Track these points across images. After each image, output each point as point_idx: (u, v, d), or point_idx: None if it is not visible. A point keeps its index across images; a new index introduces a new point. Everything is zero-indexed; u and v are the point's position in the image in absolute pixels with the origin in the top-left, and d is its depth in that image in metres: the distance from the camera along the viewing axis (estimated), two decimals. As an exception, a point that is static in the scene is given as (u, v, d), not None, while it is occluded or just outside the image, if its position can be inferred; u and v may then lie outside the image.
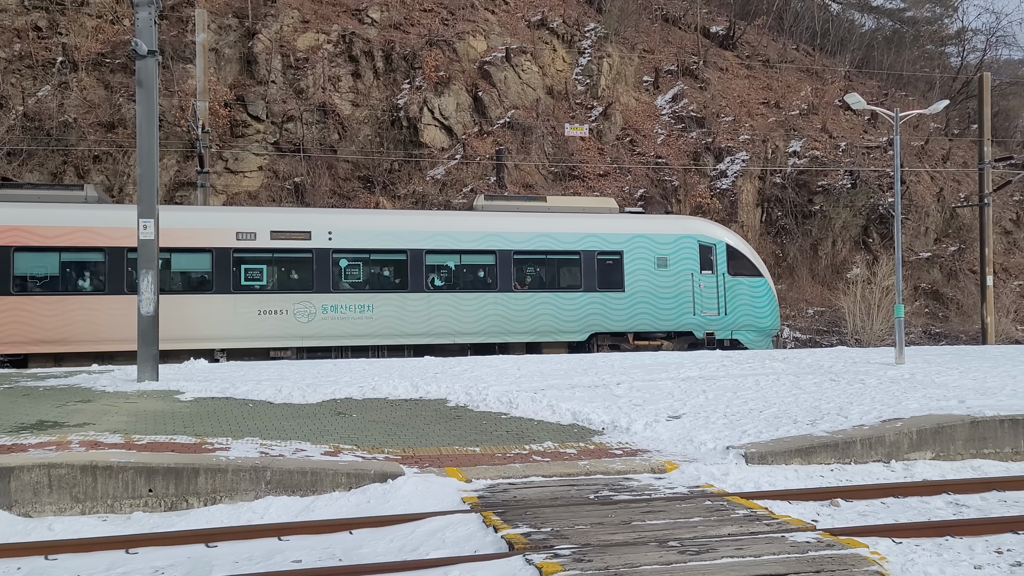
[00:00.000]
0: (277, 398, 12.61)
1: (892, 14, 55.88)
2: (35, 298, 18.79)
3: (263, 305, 20.16)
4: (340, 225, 20.98)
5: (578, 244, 22.39)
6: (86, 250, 19.16)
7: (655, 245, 22.93)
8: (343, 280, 20.88)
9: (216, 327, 19.77)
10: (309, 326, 20.39)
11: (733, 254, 23.56)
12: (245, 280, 20.16)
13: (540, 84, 35.92)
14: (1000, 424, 10.81)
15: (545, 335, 22.19)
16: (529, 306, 22.00)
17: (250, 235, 20.20)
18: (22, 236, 18.64)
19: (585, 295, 22.33)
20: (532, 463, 9.49)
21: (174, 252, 19.55)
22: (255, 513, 7.92)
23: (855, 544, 6.53)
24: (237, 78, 31.25)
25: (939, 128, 43.56)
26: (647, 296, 22.69)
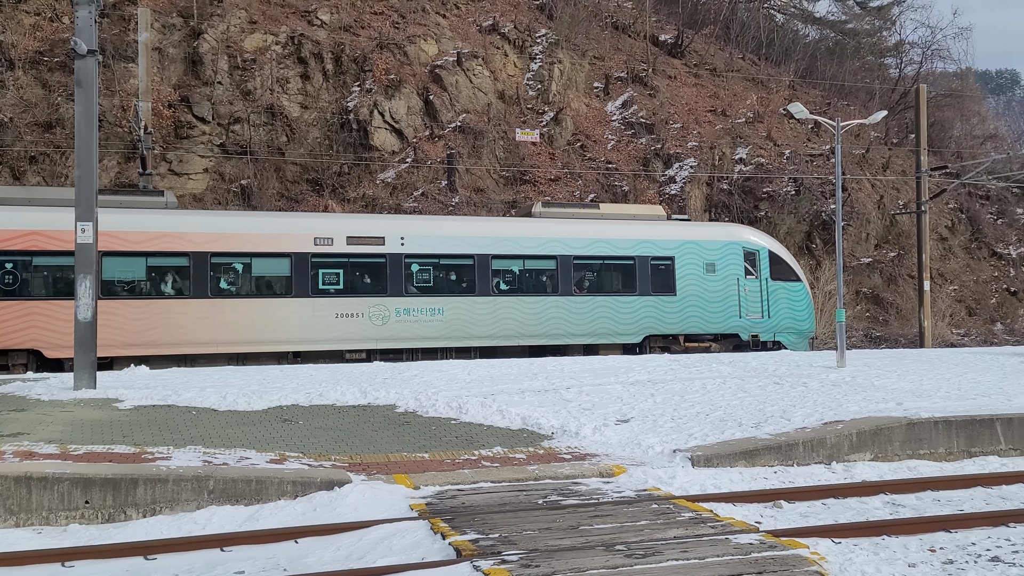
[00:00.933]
0: (222, 405, 12.37)
1: (834, 26, 57.37)
2: (122, 302, 19.05)
3: (340, 308, 20.62)
4: (412, 230, 21.56)
5: (633, 250, 23.27)
6: (170, 255, 19.53)
7: (704, 251, 23.91)
8: (415, 284, 21.47)
9: (295, 330, 20.22)
10: (383, 328, 20.92)
11: (775, 260, 24.68)
12: (323, 284, 20.65)
13: (491, 89, 35.98)
14: (935, 426, 11.14)
15: (602, 337, 22.98)
16: (588, 309, 22.76)
17: (327, 240, 20.68)
18: (110, 241, 18.74)
19: (640, 299, 23.21)
20: (481, 469, 9.48)
21: (254, 257, 20.12)
22: (197, 524, 7.76)
23: (796, 545, 6.66)
24: (182, 78, 30.63)
25: (879, 137, 44.84)
26: (697, 300, 23.60)
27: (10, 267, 18.41)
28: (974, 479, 9.65)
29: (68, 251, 18.06)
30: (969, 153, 46.55)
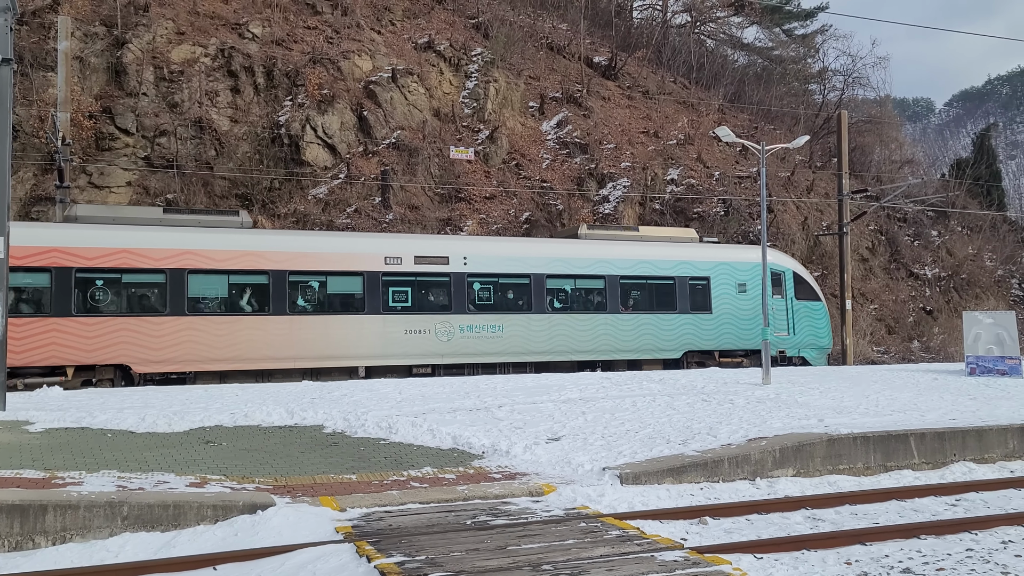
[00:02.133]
0: (140, 427, 11.96)
1: (761, 52, 59.30)
2: (205, 318, 19.60)
3: (409, 325, 21.45)
4: (473, 251, 22.58)
5: (673, 270, 24.65)
6: (251, 273, 20.16)
7: (736, 272, 25.51)
8: (476, 302, 22.40)
9: (367, 346, 20.97)
10: (448, 344, 21.80)
11: (799, 280, 26.42)
12: (393, 302, 21.44)
13: (427, 106, 35.94)
14: (854, 441, 11.48)
15: (646, 352, 24.21)
16: (634, 326, 24.00)
17: (397, 260, 21.53)
18: (194, 259, 19.56)
19: (680, 316, 24.59)
20: (410, 490, 9.36)
21: (329, 275, 20.88)
22: (109, 551, 7.45)
23: (719, 561, 6.75)
24: (104, 89, 29.72)
25: (804, 161, 46.34)
26: (730, 318, 25.14)
27: (100, 284, 18.94)
28: (889, 493, 9.96)
29: (158, 269, 19.14)
30: (888, 177, 48.49)
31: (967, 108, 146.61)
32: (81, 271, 18.70)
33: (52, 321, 18.30)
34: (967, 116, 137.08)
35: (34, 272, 18.36)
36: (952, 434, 12.17)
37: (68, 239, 18.76)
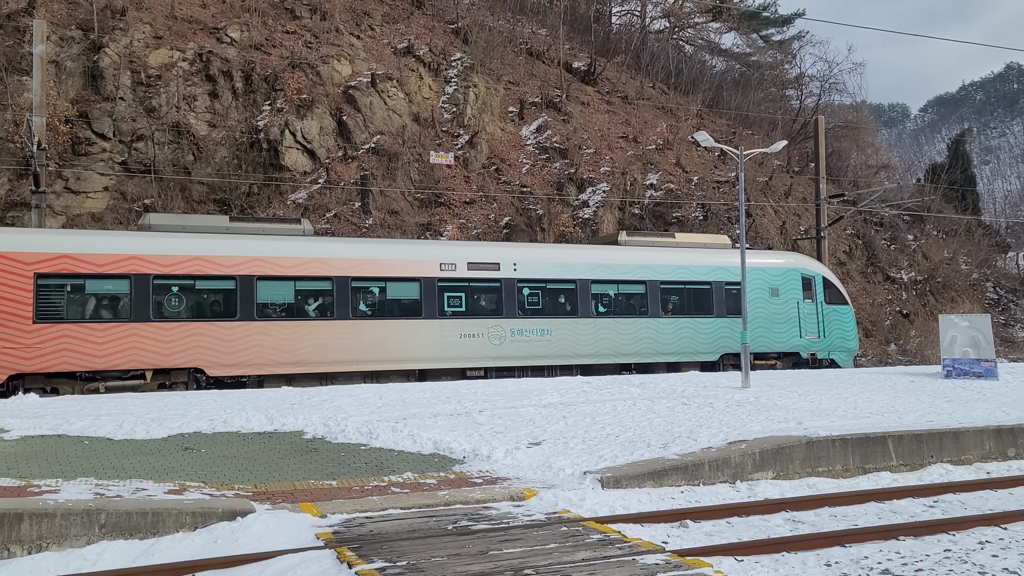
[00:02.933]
0: (118, 434, 11.83)
1: (739, 58, 59.83)
2: (274, 323, 20.14)
3: (463, 329, 22.01)
4: (522, 257, 23.13)
5: (709, 276, 25.34)
6: (316, 279, 20.70)
7: (769, 277, 26.05)
8: (526, 306, 22.94)
9: (425, 349, 21.53)
10: (499, 348, 22.35)
11: (828, 285, 27.15)
12: (448, 306, 21.99)
13: (406, 111, 35.89)
14: (832, 444, 11.58)
15: (685, 355, 24.76)
16: (674, 330, 24.59)
17: (451, 266, 22.12)
18: (263, 266, 20.12)
19: (716, 320, 25.19)
20: (391, 495, 9.33)
21: (388, 281, 21.48)
22: (86, 560, 7.36)
23: (700, 564, 6.78)
24: (80, 93, 29.41)
25: (782, 165, 46.75)
26: (764, 321, 25.56)
27: (176, 290, 19.46)
28: (868, 495, 10.05)
29: (229, 275, 19.74)
30: (864, 182, 49.04)
31: (942, 113, 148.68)
32: (158, 278, 19.23)
33: (131, 326, 18.82)
34: (942, 121, 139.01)
35: (114, 279, 18.88)
36: (929, 436, 12.30)
37: (145, 247, 19.28)
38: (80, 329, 18.35)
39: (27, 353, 17.78)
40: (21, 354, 17.75)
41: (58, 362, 18.06)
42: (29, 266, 18.15)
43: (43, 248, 18.40)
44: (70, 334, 18.22)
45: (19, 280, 17.95)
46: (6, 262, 17.98)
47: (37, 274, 18.14)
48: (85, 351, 18.29)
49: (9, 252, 18.07)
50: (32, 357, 17.82)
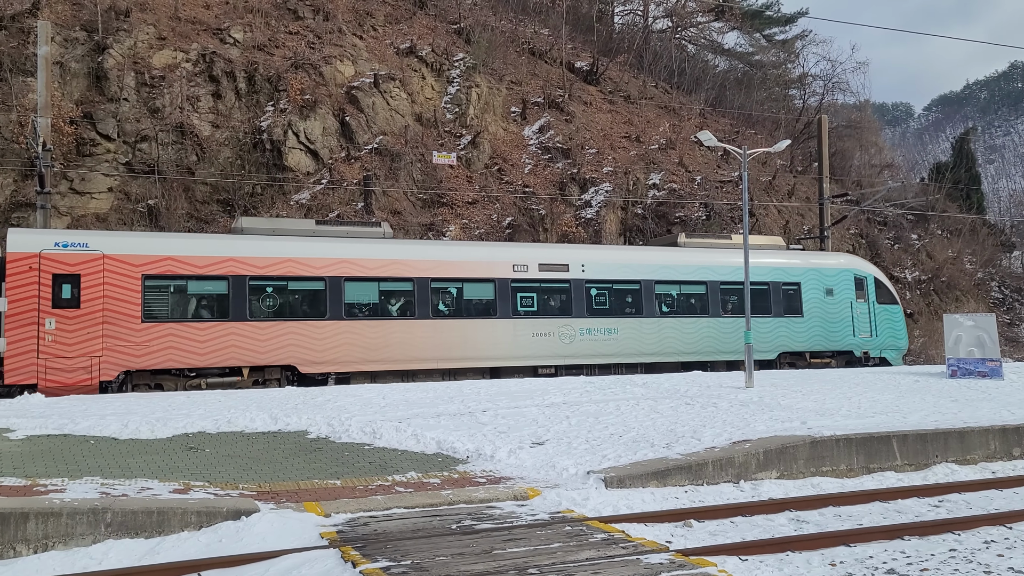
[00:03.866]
0: (123, 433, 11.86)
1: (742, 57, 59.74)
2: (360, 322, 20.90)
3: (535, 328, 22.76)
4: (590, 259, 23.81)
5: (767, 276, 25.93)
6: (398, 280, 21.49)
7: (824, 277, 26.87)
8: (594, 306, 23.54)
9: (499, 348, 22.27)
10: (569, 346, 23.03)
11: (879, 285, 27.96)
12: (521, 306, 22.75)
13: (409, 111, 35.91)
14: (836, 443, 11.57)
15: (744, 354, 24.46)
16: (733, 329, 25.16)
17: (523, 267, 22.85)
18: (349, 268, 20.92)
19: (774, 319, 25.88)
20: (394, 495, 9.34)
21: (465, 282, 22.23)
22: (92, 559, 7.38)
23: (705, 563, 6.78)
24: (85, 94, 29.47)
25: (785, 165, 46.70)
26: (819, 321, 26.42)
27: (270, 291, 20.29)
28: (872, 494, 10.04)
29: (319, 276, 20.54)
30: (868, 181, 48.96)
31: (946, 112, 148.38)
32: (253, 279, 20.05)
33: (230, 325, 19.67)
34: (946, 120, 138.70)
35: (214, 280, 19.73)
36: (934, 436, 12.29)
37: (241, 249, 20.12)
38: (183, 328, 19.28)
39: (136, 351, 18.77)
40: (131, 351, 18.74)
41: (164, 360, 19.01)
42: (137, 268, 19.08)
43: (149, 251, 19.31)
44: (174, 333, 19.15)
45: (129, 281, 18.90)
46: (117, 264, 18.88)
47: (144, 275, 19.07)
48: (188, 349, 19.21)
49: (120, 255, 18.99)
50: (141, 355, 18.80)
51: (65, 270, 18.41)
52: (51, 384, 17.98)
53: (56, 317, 18.16)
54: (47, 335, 18.04)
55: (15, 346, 17.88)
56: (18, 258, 18.18)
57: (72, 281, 18.40)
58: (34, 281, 18.13)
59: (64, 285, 18.32)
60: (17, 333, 17.90)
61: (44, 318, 18.07)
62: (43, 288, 18.16)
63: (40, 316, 18.07)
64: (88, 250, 18.72)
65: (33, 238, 18.65)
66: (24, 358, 17.91)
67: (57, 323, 18.14)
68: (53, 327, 18.08)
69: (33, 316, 18.04)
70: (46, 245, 18.48)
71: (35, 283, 18.13)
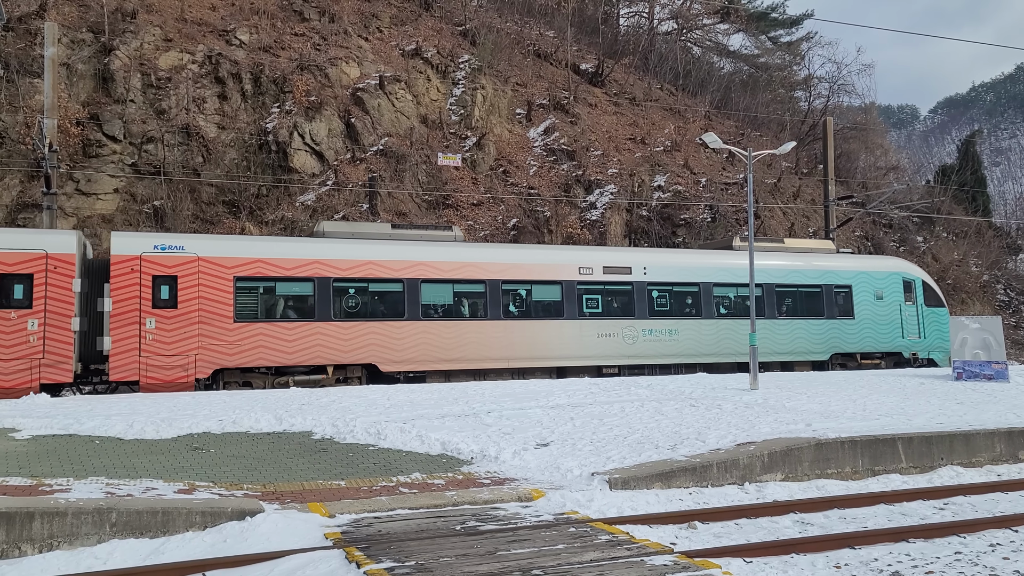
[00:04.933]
0: (128, 434, 11.89)
1: (747, 59, 59.71)
2: (436, 323, 21.64)
3: (600, 329, 23.37)
4: (651, 262, 24.40)
5: (820, 279, 26.65)
6: (471, 282, 22.18)
7: (874, 280, 27.50)
8: (655, 308, 24.19)
9: (566, 348, 22.91)
10: (632, 347, 23.66)
11: (927, 288, 28.50)
12: (586, 308, 23.34)
13: (414, 112, 35.96)
14: (841, 445, 11.54)
15: (799, 355, 26.08)
16: (788, 331, 25.87)
17: (589, 270, 23.50)
18: (425, 270, 21.65)
19: (827, 322, 26.51)
20: (399, 495, 9.35)
21: (534, 284, 22.89)
22: (97, 559, 7.40)
23: (709, 565, 6.77)
24: (91, 95, 29.57)
25: (790, 167, 46.63)
26: (870, 323, 27.04)
27: (352, 292, 21.00)
28: (877, 497, 10.01)
29: (397, 278, 21.32)
30: (873, 183, 48.85)
31: (952, 115, 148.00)
32: (337, 280, 20.80)
33: (315, 325, 20.43)
34: (952, 123, 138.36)
35: (301, 282, 20.50)
36: (939, 438, 12.25)
37: (325, 252, 20.87)
38: (272, 328, 20.06)
39: (229, 350, 19.57)
40: (224, 351, 19.54)
41: (254, 358, 19.80)
42: (229, 270, 19.85)
43: (240, 253, 20.09)
44: (264, 332, 19.94)
45: (222, 283, 19.71)
46: (211, 266, 19.67)
47: (236, 277, 19.86)
48: (276, 348, 20.00)
49: (213, 257, 19.75)
50: (233, 353, 19.60)
51: (163, 272, 19.23)
52: (151, 381, 18.80)
53: (156, 317, 19.01)
54: (148, 334, 18.89)
55: (119, 344, 18.64)
56: (122, 260, 18.94)
57: (170, 282, 19.25)
58: (136, 283, 18.96)
59: (163, 286, 19.18)
60: (121, 332, 18.67)
61: (145, 318, 18.92)
62: (144, 289, 18.98)
63: (141, 316, 18.90)
64: (184, 253, 19.50)
65: (134, 241, 19.44)
66: (127, 356, 18.69)
67: (157, 323, 19.00)
68: (153, 326, 18.96)
69: (135, 316, 18.85)
70: (146, 248, 19.29)
71: (136, 284, 18.96)
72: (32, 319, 18.13)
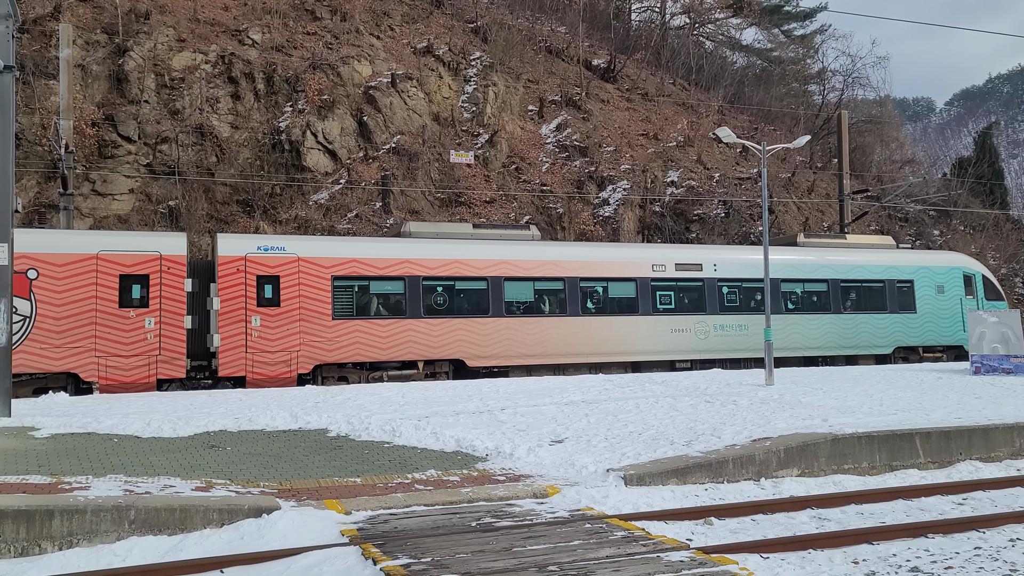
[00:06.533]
0: (145, 432, 11.97)
1: (761, 53, 59.34)
2: (519, 319, 22.26)
3: (673, 325, 23.91)
4: (721, 259, 24.90)
5: (883, 274, 27.10)
6: (550, 280, 22.81)
7: (935, 275, 27.93)
8: (725, 304, 24.67)
9: (641, 343, 23.46)
10: (704, 342, 24.21)
11: (987, 283, 28.98)
12: (660, 304, 23.91)
13: (426, 110, 35.99)
14: (858, 441, 11.47)
15: (863, 348, 26.48)
16: (853, 325, 26.28)
17: (662, 267, 24.06)
18: (508, 268, 22.26)
19: (890, 316, 26.93)
20: (414, 492, 9.37)
21: (610, 281, 23.43)
22: (116, 556, 7.46)
23: (726, 561, 6.75)
24: (106, 96, 29.78)
25: (804, 161, 46.35)
26: (931, 316, 27.46)
27: (440, 290, 21.66)
28: (895, 492, 9.95)
29: (482, 277, 21.97)
30: (888, 177, 48.46)
31: (968, 107, 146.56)
32: (426, 279, 21.49)
33: (407, 322, 21.12)
34: (968, 115, 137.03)
35: (392, 280, 21.19)
36: (958, 433, 12.16)
37: (413, 252, 21.53)
38: (367, 324, 20.76)
39: (328, 346, 20.33)
40: (324, 347, 20.30)
41: (351, 354, 20.54)
42: (327, 269, 20.56)
43: (336, 253, 20.83)
44: (360, 329, 20.65)
45: (320, 282, 20.43)
46: (310, 266, 20.37)
47: (333, 276, 20.56)
48: (371, 344, 20.70)
49: (312, 257, 20.45)
50: (331, 349, 20.35)
51: (267, 272, 19.96)
52: (257, 376, 19.55)
53: (260, 315, 19.75)
54: (253, 331, 19.64)
55: (228, 341, 19.37)
56: (228, 261, 19.69)
57: (273, 282, 19.99)
58: (241, 282, 19.70)
59: (266, 286, 19.93)
60: (229, 330, 19.43)
61: (251, 316, 19.66)
62: (249, 288, 19.72)
63: (247, 314, 19.63)
64: (285, 253, 20.20)
65: (239, 242, 20.18)
66: (235, 352, 19.43)
67: (261, 321, 19.73)
68: (258, 324, 19.71)
69: (241, 314, 19.58)
70: (250, 249, 20.01)
71: (242, 284, 19.70)
72: (149, 317, 18.93)
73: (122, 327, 18.65)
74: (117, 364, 18.53)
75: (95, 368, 18.37)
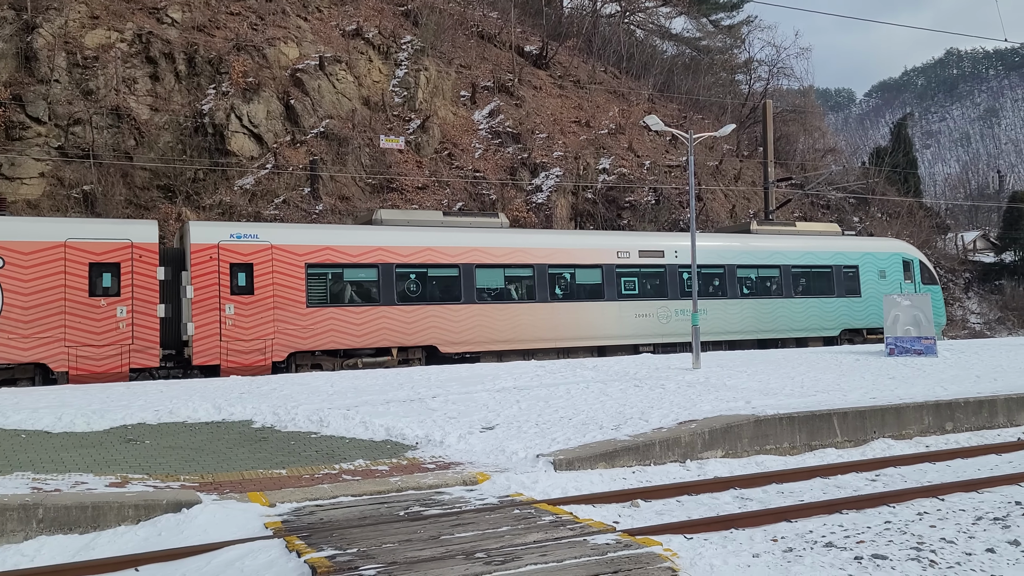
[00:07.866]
0: (56, 427, 11.49)
1: (689, 42, 60.24)
2: (489, 306, 22.50)
3: (637, 310, 24.49)
4: (682, 246, 25.24)
5: (830, 260, 28.26)
6: (520, 266, 23.09)
7: (877, 261, 29.19)
8: (687, 289, 25.20)
9: (607, 328, 24.01)
10: (666, 326, 24.88)
11: (923, 268, 30.32)
12: (624, 290, 24.42)
13: (356, 94, 35.38)
14: (780, 421, 11.79)
15: (812, 331, 27.59)
16: (803, 308, 27.39)
17: (626, 254, 24.58)
18: (479, 256, 22.49)
19: (837, 300, 28.14)
20: (342, 483, 9.23)
21: (577, 268, 23.90)
22: (24, 556, 7.14)
23: (650, 543, 6.83)
24: (13, 75, 28.32)
25: (731, 150, 47.31)
26: (874, 300, 28.44)
27: (413, 277, 21.79)
28: (813, 471, 10.26)
29: (453, 264, 22.17)
30: (811, 165, 49.90)
31: (886, 98, 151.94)
32: (399, 266, 21.61)
33: (380, 309, 21.24)
34: (886, 106, 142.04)
35: (365, 268, 21.24)
36: (872, 412, 12.61)
37: (386, 239, 21.60)
38: (341, 312, 20.83)
39: (302, 334, 20.34)
40: (298, 334, 20.31)
41: (326, 341, 20.60)
42: (301, 257, 20.54)
43: (309, 241, 20.78)
44: (334, 317, 20.70)
45: (294, 270, 20.42)
46: (284, 254, 20.31)
47: (307, 264, 20.57)
48: (345, 331, 20.77)
49: (285, 245, 20.37)
50: (306, 337, 20.37)
51: (240, 260, 19.83)
52: (231, 365, 19.45)
53: (234, 303, 19.64)
54: (227, 320, 19.53)
55: (201, 330, 19.24)
56: (200, 249, 19.46)
57: (246, 270, 19.88)
58: (214, 271, 19.53)
59: (240, 273, 19.81)
60: (202, 318, 19.27)
61: (224, 304, 19.53)
62: (222, 276, 19.58)
63: (221, 302, 19.49)
64: (258, 241, 20.08)
65: (212, 230, 19.96)
66: (209, 341, 19.32)
67: (235, 309, 19.64)
68: (232, 312, 19.61)
69: (215, 303, 19.44)
70: (223, 237, 19.82)
71: (215, 272, 19.54)
72: (120, 306, 18.62)
73: (93, 316, 18.32)
74: (88, 354, 18.24)
75: (65, 358, 18.04)
